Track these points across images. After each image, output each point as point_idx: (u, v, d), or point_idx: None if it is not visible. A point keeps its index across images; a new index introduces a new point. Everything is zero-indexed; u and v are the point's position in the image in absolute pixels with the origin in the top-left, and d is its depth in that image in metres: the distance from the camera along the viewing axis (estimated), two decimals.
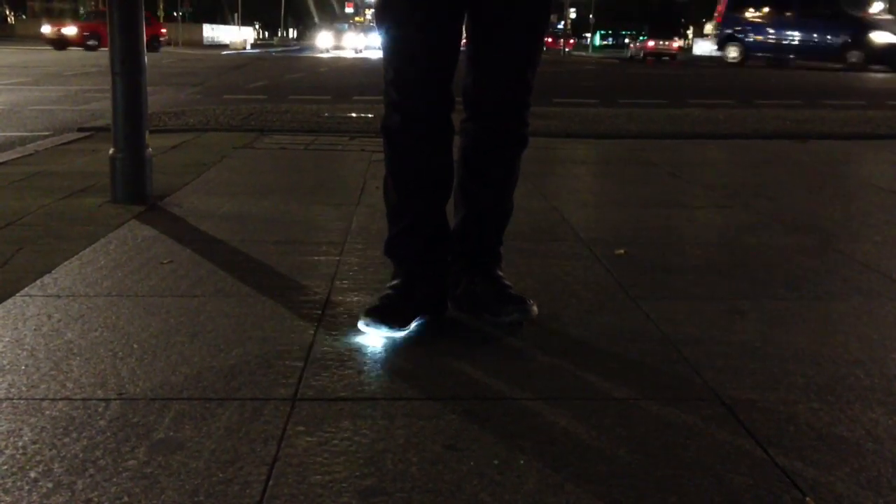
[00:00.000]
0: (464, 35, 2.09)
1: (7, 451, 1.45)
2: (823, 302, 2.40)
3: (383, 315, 2.02)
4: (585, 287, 2.47)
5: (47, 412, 1.60)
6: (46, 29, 29.51)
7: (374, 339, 2.00)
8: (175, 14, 45.99)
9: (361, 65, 22.49)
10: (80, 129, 6.24)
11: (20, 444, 1.47)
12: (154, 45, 27.43)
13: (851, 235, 3.27)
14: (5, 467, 1.40)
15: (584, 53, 44.83)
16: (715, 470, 1.45)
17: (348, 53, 37.42)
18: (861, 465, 1.48)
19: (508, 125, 2.13)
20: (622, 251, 2.87)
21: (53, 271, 2.51)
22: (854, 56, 22.10)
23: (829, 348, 2.03)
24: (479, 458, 1.47)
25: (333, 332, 2.05)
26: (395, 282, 2.14)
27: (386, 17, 2.02)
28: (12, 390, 1.69)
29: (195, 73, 15.47)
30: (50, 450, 1.46)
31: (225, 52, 22.19)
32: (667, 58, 34.30)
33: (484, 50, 2.07)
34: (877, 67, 21.24)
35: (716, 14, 27.92)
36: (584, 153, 5.69)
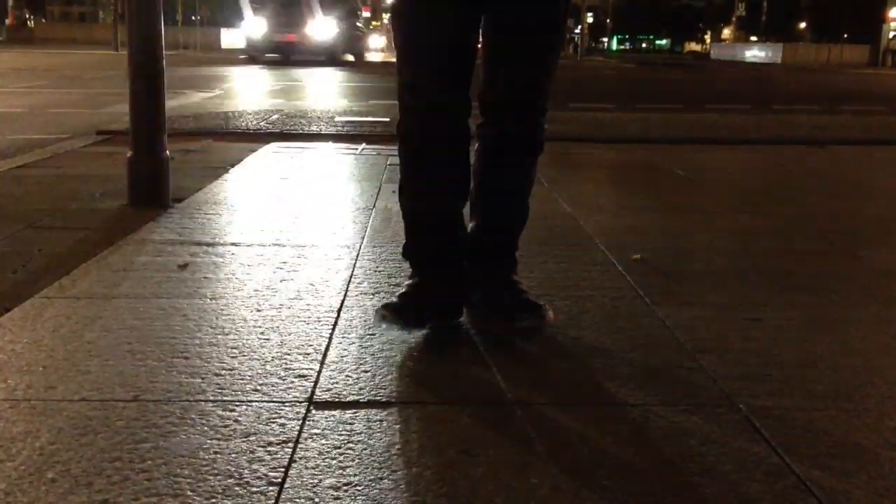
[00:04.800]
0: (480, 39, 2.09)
1: (24, 452, 1.46)
2: (841, 309, 2.39)
3: (399, 312, 2.02)
4: (601, 292, 2.47)
5: (65, 413, 1.61)
6: None
7: (389, 342, 2.01)
8: (193, 18, 46.32)
9: None
10: (99, 133, 6.28)
11: (37, 444, 1.48)
12: None
13: (870, 242, 3.25)
14: (23, 467, 1.41)
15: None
16: (731, 477, 1.44)
17: None
18: (878, 472, 1.47)
19: (525, 130, 2.13)
20: (638, 256, 2.86)
21: (71, 273, 2.52)
22: None
23: (847, 355, 2.02)
24: (493, 462, 1.47)
25: (349, 336, 2.06)
26: (412, 281, 2.14)
27: (401, 21, 2.03)
28: (30, 391, 1.70)
29: (212, 77, 15.54)
30: (68, 450, 1.47)
31: (242, 56, 22.22)
32: None
33: (500, 54, 2.07)
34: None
35: None
36: (601, 158, 5.68)
